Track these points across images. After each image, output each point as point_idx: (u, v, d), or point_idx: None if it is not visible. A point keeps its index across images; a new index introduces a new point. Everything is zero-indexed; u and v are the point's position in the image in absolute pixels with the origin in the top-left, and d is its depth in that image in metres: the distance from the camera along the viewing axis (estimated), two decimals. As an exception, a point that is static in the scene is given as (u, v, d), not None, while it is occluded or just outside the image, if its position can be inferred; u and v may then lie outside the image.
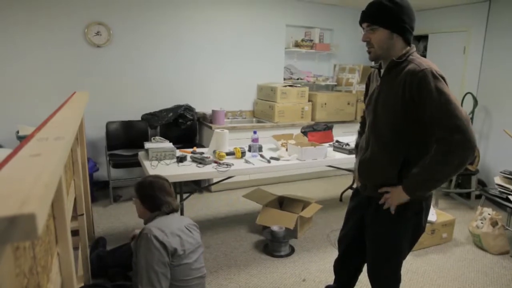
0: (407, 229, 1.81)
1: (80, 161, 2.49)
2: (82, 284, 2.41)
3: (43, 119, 1.58)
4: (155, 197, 2.16)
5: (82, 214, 2.41)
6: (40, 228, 0.49)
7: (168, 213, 2.16)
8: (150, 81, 4.86)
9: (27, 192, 0.55)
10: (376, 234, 1.90)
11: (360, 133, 2.21)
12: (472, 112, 5.05)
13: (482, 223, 3.53)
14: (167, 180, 2.27)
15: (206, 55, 5.13)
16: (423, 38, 6.15)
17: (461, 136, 1.54)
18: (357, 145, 2.19)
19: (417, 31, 1.78)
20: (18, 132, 3.91)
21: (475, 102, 5.00)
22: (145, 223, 2.18)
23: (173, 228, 2.05)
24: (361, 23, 1.76)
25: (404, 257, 1.94)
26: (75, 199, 2.35)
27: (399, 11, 1.66)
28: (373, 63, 1.90)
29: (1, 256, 0.51)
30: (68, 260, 1.36)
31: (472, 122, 5.10)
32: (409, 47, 1.74)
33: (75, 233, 2.23)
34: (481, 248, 3.53)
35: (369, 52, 1.77)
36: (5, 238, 0.47)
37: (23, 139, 3.79)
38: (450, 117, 1.55)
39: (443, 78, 1.62)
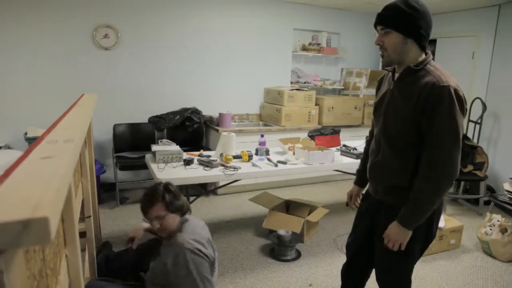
0: (418, 235, 1.79)
1: (88, 163, 2.50)
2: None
3: (51, 120, 1.58)
4: (182, 200, 2.15)
5: (90, 216, 2.41)
6: (53, 232, 0.49)
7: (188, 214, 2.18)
8: (157, 84, 4.87)
9: (40, 195, 0.55)
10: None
11: (368, 141, 2.19)
12: (481, 117, 5.01)
13: (491, 229, 3.49)
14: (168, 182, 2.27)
15: (213, 58, 5.14)
16: (431, 43, 6.12)
17: (442, 172, 1.63)
18: (365, 152, 2.19)
19: (426, 36, 1.76)
20: (26, 133, 3.94)
21: (484, 108, 4.95)
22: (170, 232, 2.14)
23: (205, 236, 2.08)
24: (375, 25, 1.73)
25: (414, 263, 1.91)
26: (82, 201, 2.35)
27: (416, 15, 1.62)
28: (380, 67, 1.88)
29: (14, 259, 0.51)
30: (76, 262, 1.36)
31: (480, 127, 5.06)
32: (425, 55, 1.72)
33: (82, 235, 2.22)
34: (490, 255, 3.49)
35: (382, 56, 1.75)
36: (18, 242, 0.46)
37: (31, 141, 3.81)
38: (444, 151, 1.61)
39: (458, 96, 1.59)
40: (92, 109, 2.24)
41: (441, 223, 3.50)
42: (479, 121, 5.04)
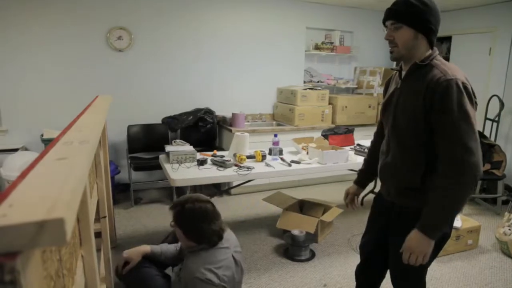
0: None
1: (103, 164, 2.52)
2: (105, 286, 2.43)
3: (67, 122, 1.60)
4: (199, 228, 1.95)
5: (105, 217, 2.43)
6: (69, 233, 0.49)
7: (214, 245, 2.00)
8: (170, 85, 4.90)
9: (55, 196, 0.55)
10: (399, 241, 1.85)
11: (372, 142, 2.19)
12: (498, 115, 4.91)
13: (510, 229, 3.42)
14: (209, 201, 2.04)
15: (226, 59, 5.14)
16: (446, 40, 6.03)
17: (465, 168, 1.52)
18: (369, 153, 2.19)
19: (440, 32, 1.73)
20: (42, 135, 4.00)
21: (501, 105, 4.86)
22: (186, 251, 2.05)
23: (222, 263, 1.97)
24: (385, 20, 1.71)
25: (428, 264, 1.88)
26: (97, 201, 2.38)
27: (426, 11, 1.61)
28: (394, 65, 1.84)
29: (30, 260, 0.51)
30: (92, 262, 1.37)
31: (498, 125, 4.96)
32: (432, 50, 1.69)
33: (97, 235, 2.24)
34: (509, 255, 3.42)
35: (391, 52, 1.72)
36: (34, 243, 0.46)
37: (47, 142, 3.86)
38: (459, 143, 1.53)
39: (467, 89, 1.56)
40: (106, 110, 2.25)
41: (458, 223, 3.44)
42: (496, 119, 4.95)
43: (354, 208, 2.23)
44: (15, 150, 4.02)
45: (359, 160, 3.54)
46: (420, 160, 1.69)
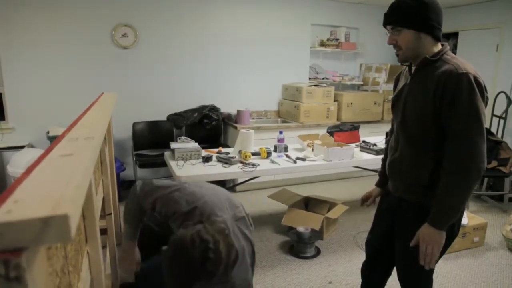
0: None
1: (108, 161, 2.53)
2: (110, 283, 2.44)
3: (73, 119, 1.60)
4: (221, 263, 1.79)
5: (110, 214, 2.44)
6: (74, 229, 0.49)
7: None
8: (176, 82, 4.90)
9: (60, 193, 0.55)
10: (406, 238, 1.84)
11: (388, 141, 2.16)
12: (505, 112, 4.87)
13: (517, 227, 3.39)
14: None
15: (231, 55, 5.14)
16: (453, 36, 5.98)
17: (469, 163, 1.53)
18: (386, 151, 2.16)
19: (447, 29, 1.72)
20: (48, 132, 4.02)
21: (509, 102, 4.81)
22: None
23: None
24: (384, 25, 1.70)
25: (436, 262, 1.87)
26: (103, 198, 2.38)
27: (423, 8, 1.58)
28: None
29: (36, 257, 0.51)
30: (97, 259, 1.38)
31: (505, 122, 4.92)
32: (442, 45, 1.68)
33: (103, 232, 2.25)
34: (516, 253, 3.40)
35: (397, 55, 1.71)
36: (39, 239, 0.46)
37: (53, 140, 3.89)
38: (466, 138, 1.53)
39: (478, 83, 1.54)
40: (111, 107, 2.26)
41: (464, 220, 3.41)
42: (503, 115, 4.91)
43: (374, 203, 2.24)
44: (22, 147, 4.04)
45: (365, 157, 3.53)
46: (428, 156, 1.68)
